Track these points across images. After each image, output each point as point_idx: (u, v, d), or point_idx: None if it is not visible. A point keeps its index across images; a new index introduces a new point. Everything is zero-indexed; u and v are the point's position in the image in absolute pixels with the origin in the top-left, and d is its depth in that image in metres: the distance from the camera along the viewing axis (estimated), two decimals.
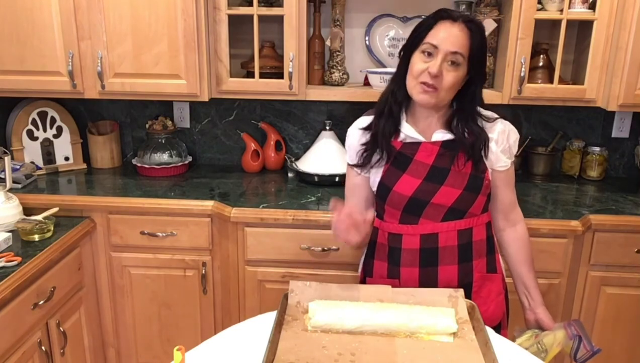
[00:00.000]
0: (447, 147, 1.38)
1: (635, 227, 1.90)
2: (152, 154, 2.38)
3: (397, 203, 1.40)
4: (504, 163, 1.42)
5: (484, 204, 1.43)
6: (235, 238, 2.01)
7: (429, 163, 1.37)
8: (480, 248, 1.44)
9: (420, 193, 1.37)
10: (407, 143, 1.40)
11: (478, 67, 1.33)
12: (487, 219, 1.46)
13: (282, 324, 1.20)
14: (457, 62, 1.28)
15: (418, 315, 1.18)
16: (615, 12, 1.95)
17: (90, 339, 2.06)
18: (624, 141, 2.42)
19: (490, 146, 1.38)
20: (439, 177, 1.37)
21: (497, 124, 1.40)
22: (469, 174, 1.37)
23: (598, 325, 2.00)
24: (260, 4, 2.08)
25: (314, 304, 1.22)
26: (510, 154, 1.43)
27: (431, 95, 1.30)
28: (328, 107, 2.45)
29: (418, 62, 1.31)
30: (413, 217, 1.40)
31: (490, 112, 1.42)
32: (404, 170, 1.39)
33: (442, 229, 1.39)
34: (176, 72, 2.07)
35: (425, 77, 1.29)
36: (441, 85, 1.29)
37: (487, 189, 1.41)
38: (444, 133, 1.38)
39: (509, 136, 1.41)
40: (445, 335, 1.16)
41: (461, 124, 1.37)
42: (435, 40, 1.28)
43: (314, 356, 1.09)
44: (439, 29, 1.29)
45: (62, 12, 2.02)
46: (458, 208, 1.38)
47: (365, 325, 1.17)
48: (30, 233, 1.80)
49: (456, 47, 1.27)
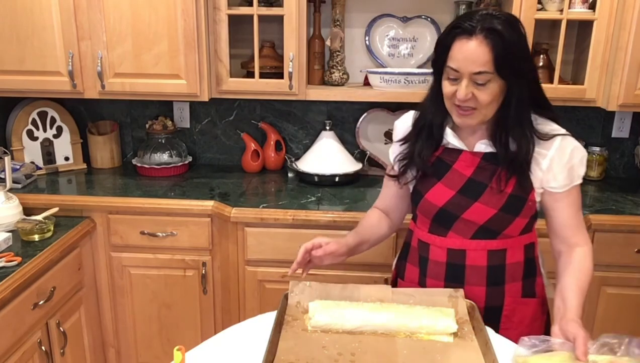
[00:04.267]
0: (488, 160, 1.27)
1: (635, 227, 1.90)
2: (152, 154, 2.38)
3: (427, 212, 1.33)
4: (562, 183, 1.26)
5: (524, 226, 1.30)
6: (235, 238, 2.01)
7: (467, 175, 1.28)
8: (516, 271, 1.32)
9: (452, 205, 1.28)
10: (448, 149, 1.31)
11: (513, 74, 1.17)
12: (527, 241, 1.33)
13: (282, 324, 1.20)
14: (483, 83, 1.16)
15: (418, 315, 1.18)
16: (615, 12, 1.95)
17: (90, 339, 2.06)
18: (624, 141, 2.42)
19: (541, 163, 1.25)
20: (475, 192, 1.27)
21: (555, 141, 1.24)
22: (508, 193, 1.25)
23: (598, 325, 2.00)
24: (260, 4, 2.08)
25: (314, 304, 1.22)
26: (573, 175, 1.27)
27: (470, 117, 1.21)
28: (328, 107, 2.45)
29: (446, 85, 1.22)
30: (442, 229, 1.32)
31: (551, 126, 1.27)
32: (440, 178, 1.31)
33: (470, 246, 1.30)
34: (176, 72, 2.07)
35: (457, 100, 1.20)
36: (478, 104, 1.19)
37: (530, 211, 1.28)
38: (488, 144, 1.28)
39: (571, 154, 1.25)
40: (445, 335, 1.16)
41: (504, 135, 1.24)
42: (454, 63, 1.17)
43: (313, 356, 1.09)
44: (456, 50, 1.17)
45: (62, 12, 2.02)
46: (490, 227, 1.28)
47: (365, 325, 1.17)
48: (30, 233, 1.80)
49: (478, 66, 1.15)
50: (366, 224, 1.47)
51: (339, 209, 1.96)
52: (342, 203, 2.03)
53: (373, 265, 1.95)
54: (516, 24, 1.18)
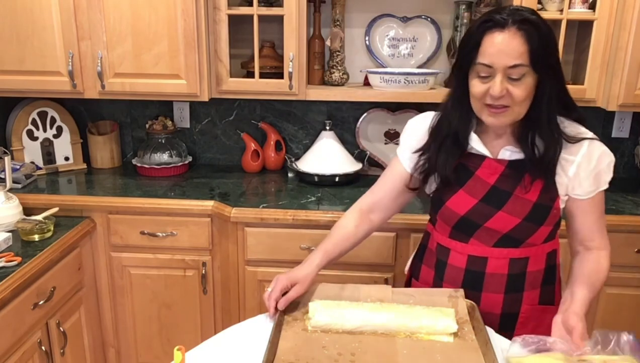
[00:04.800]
0: (513, 167, 1.23)
1: (635, 227, 1.90)
2: (152, 154, 2.38)
3: (449, 219, 1.29)
4: (587, 190, 1.23)
5: (548, 234, 1.27)
6: (235, 238, 2.01)
7: (490, 182, 1.24)
8: (535, 279, 1.30)
9: (474, 214, 1.25)
10: (471, 154, 1.27)
11: (547, 69, 1.13)
12: (550, 248, 1.30)
13: (282, 324, 1.20)
14: (518, 77, 1.11)
15: (418, 315, 1.18)
16: (615, 12, 1.95)
17: (90, 339, 2.06)
18: (624, 141, 2.42)
19: (568, 170, 1.21)
20: (498, 200, 1.23)
21: (583, 145, 1.20)
22: (533, 202, 1.21)
23: (598, 325, 2.00)
24: (260, 4, 2.08)
25: (314, 304, 1.22)
26: (599, 181, 1.23)
27: (503, 115, 1.16)
28: (328, 107, 2.45)
29: (476, 84, 1.16)
30: (463, 236, 1.29)
31: (578, 129, 1.23)
32: (462, 185, 1.26)
33: (492, 254, 1.27)
34: (176, 72, 2.07)
35: (490, 99, 1.14)
36: (512, 101, 1.13)
37: (554, 219, 1.25)
38: (513, 151, 1.23)
39: (599, 159, 1.21)
40: (445, 335, 1.16)
41: (531, 136, 1.19)
42: (487, 59, 1.11)
43: (313, 356, 1.09)
44: (488, 44, 1.11)
45: (62, 12, 2.02)
46: (514, 236, 1.24)
47: (365, 325, 1.17)
48: (30, 233, 1.80)
49: (514, 59, 1.10)
50: (339, 238, 1.37)
51: (339, 209, 1.96)
52: (342, 203, 2.03)
53: (373, 265, 1.95)
54: (543, 19, 1.15)
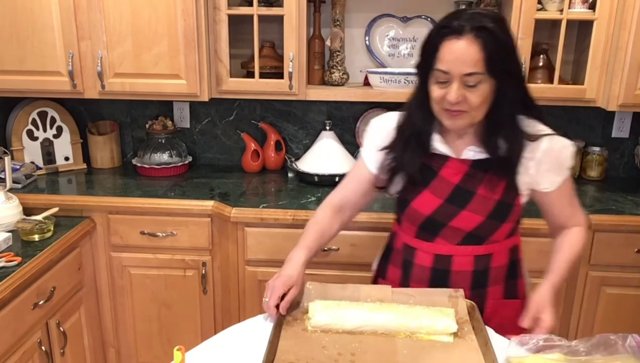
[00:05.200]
0: (477, 167, 1.25)
1: (635, 227, 1.90)
2: (152, 154, 2.38)
3: (414, 219, 1.31)
4: (552, 182, 1.28)
5: (510, 231, 1.31)
6: (235, 238, 2.01)
7: (454, 182, 1.26)
8: (499, 274, 1.33)
9: (439, 214, 1.27)
10: (435, 155, 1.28)
11: (504, 74, 1.15)
12: (512, 244, 1.34)
13: (282, 324, 1.20)
14: (473, 84, 1.13)
15: (418, 315, 1.18)
16: (615, 12, 1.95)
17: (90, 339, 2.06)
18: (624, 141, 2.42)
19: (529, 168, 1.25)
20: (462, 200, 1.25)
21: (542, 142, 1.23)
22: (496, 200, 1.24)
23: (598, 325, 2.00)
24: (260, 4, 2.08)
25: (314, 304, 1.22)
26: (563, 171, 1.28)
27: (461, 118, 1.18)
28: (328, 107, 2.45)
29: (435, 89, 1.18)
30: (429, 235, 1.31)
31: (537, 126, 1.25)
32: (427, 185, 1.28)
33: (457, 252, 1.30)
34: (176, 72, 2.07)
35: (448, 104, 1.16)
36: (469, 107, 1.15)
37: (516, 216, 1.29)
38: (476, 151, 1.25)
39: (559, 153, 1.25)
40: (445, 335, 1.16)
41: (494, 137, 1.22)
42: (444, 65, 1.13)
43: (313, 356, 1.09)
44: (445, 51, 1.13)
45: (62, 12, 2.02)
46: (478, 234, 1.28)
47: (365, 325, 1.17)
48: (30, 233, 1.80)
49: (469, 67, 1.11)
50: (317, 234, 1.37)
51: None
52: None
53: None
54: (504, 22, 1.17)
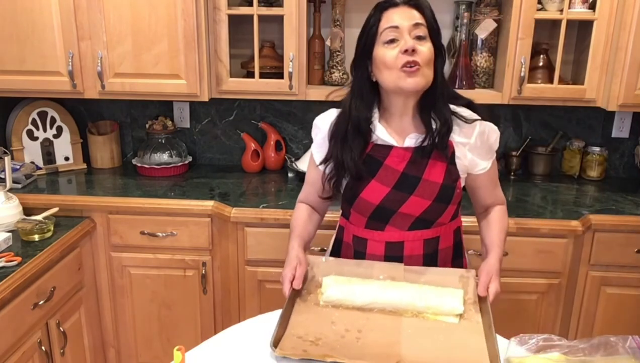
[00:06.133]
0: (419, 153, 1.30)
1: (635, 227, 1.90)
2: (152, 154, 2.38)
3: (364, 210, 1.34)
4: (484, 165, 1.36)
5: (454, 213, 1.37)
6: (235, 238, 2.01)
7: (399, 170, 1.30)
8: (447, 255, 1.40)
9: (388, 201, 1.31)
10: (379, 145, 1.32)
11: (439, 45, 1.26)
12: (455, 226, 1.41)
13: (296, 297, 1.24)
14: (423, 35, 1.22)
15: (426, 295, 1.20)
16: (615, 12, 1.95)
17: (90, 339, 2.06)
18: (624, 141, 2.42)
19: (466, 153, 1.32)
20: (409, 186, 1.30)
21: (476, 127, 1.31)
22: (440, 184, 1.30)
23: (598, 325, 2.00)
24: (260, 4, 2.08)
25: (327, 279, 1.26)
26: (491, 153, 1.37)
27: (419, 75, 1.21)
28: (328, 107, 2.44)
29: (386, 52, 1.23)
30: (379, 224, 1.35)
31: (469, 112, 1.33)
32: (374, 175, 1.31)
33: (407, 238, 1.34)
34: (176, 72, 2.07)
35: (402, 58, 1.20)
36: (421, 59, 1.21)
37: (457, 198, 1.34)
38: (417, 137, 1.31)
39: (488, 136, 1.33)
40: (451, 316, 1.18)
41: (429, 117, 1.29)
42: (392, 22, 1.22)
43: (322, 331, 1.13)
44: (389, 15, 1.23)
45: (62, 12, 2.02)
46: (426, 218, 1.33)
47: (374, 302, 1.20)
48: (30, 233, 1.80)
49: (415, 19, 1.22)
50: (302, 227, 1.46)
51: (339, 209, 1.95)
52: None
53: None
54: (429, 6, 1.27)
